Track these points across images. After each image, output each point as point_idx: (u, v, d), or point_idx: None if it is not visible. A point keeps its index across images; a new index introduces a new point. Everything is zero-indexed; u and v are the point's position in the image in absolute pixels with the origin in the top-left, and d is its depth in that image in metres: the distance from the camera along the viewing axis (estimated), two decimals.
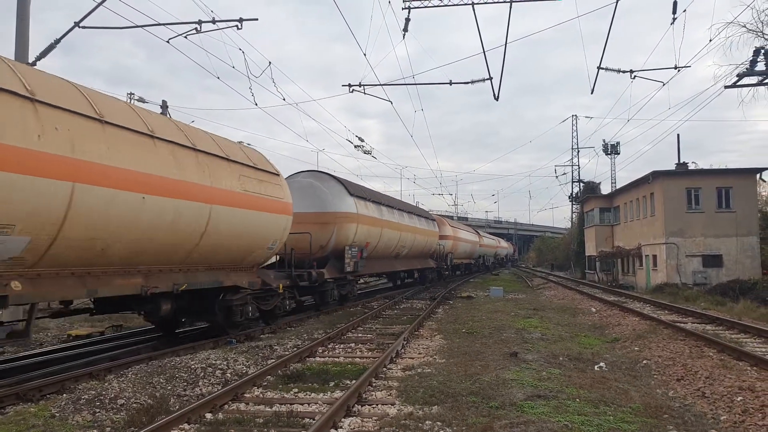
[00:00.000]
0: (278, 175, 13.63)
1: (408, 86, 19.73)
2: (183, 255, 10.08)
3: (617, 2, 13.95)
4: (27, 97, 6.92)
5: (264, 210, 12.25)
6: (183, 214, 9.53)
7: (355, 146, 25.25)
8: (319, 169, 19.78)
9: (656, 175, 29.86)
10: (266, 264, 14.32)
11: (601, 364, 9.52)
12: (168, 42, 14.72)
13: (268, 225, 12.45)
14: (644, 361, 9.94)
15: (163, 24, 14.50)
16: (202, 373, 8.53)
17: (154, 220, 8.89)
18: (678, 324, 14.04)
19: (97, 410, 6.66)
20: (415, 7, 14.98)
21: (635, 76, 17.41)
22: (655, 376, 8.89)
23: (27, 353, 10.93)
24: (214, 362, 9.10)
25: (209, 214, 10.22)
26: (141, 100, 26.90)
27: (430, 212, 37.03)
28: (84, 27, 14.08)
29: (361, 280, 26.21)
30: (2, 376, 8.74)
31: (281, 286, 13.87)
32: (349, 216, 17.73)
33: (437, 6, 15.02)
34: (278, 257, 16.08)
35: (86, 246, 7.86)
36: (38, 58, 13.84)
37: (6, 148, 6.49)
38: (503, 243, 74.94)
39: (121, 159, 8.22)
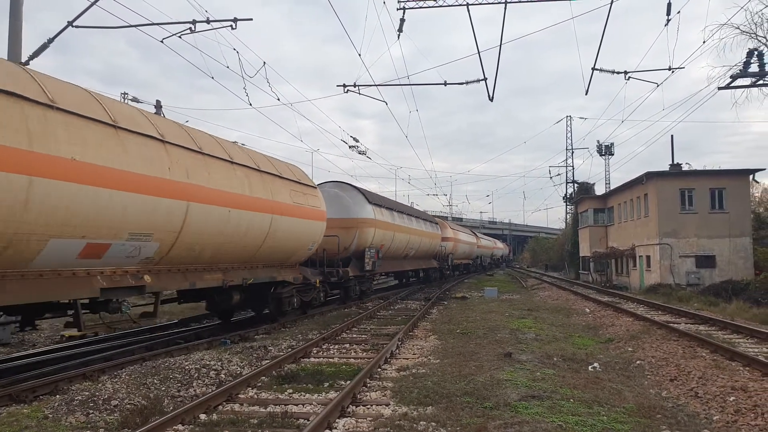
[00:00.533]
0: (315, 187, 16.42)
1: (403, 87, 19.83)
2: (250, 255, 12.55)
3: (612, 3, 14.02)
4: (162, 140, 9.39)
5: (307, 218, 14.88)
6: (253, 222, 12.02)
7: (350, 146, 25.27)
8: (342, 180, 22.69)
9: (650, 176, 29.99)
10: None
11: (595, 364, 9.56)
12: (162, 42, 14.69)
13: (309, 230, 15.08)
14: (638, 362, 9.98)
15: (157, 24, 14.45)
16: (197, 374, 8.51)
17: (234, 228, 11.31)
18: (671, 324, 14.11)
19: (91, 411, 6.63)
20: (410, 8, 14.99)
21: (629, 77, 17.48)
22: (648, 377, 8.93)
23: (20, 354, 10.87)
24: (208, 363, 9.07)
25: (270, 222, 12.76)
26: (135, 99, 26.79)
27: (431, 215, 39.84)
28: (77, 26, 14.02)
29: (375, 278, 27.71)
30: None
31: (318, 281, 16.41)
32: (368, 221, 20.31)
33: (432, 6, 15.05)
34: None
35: (190, 249, 10.22)
36: (31, 58, 13.77)
37: (151, 178, 8.85)
38: (499, 244, 77.44)
39: (215, 182, 10.67)
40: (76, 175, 7.43)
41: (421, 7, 15.26)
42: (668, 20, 15.20)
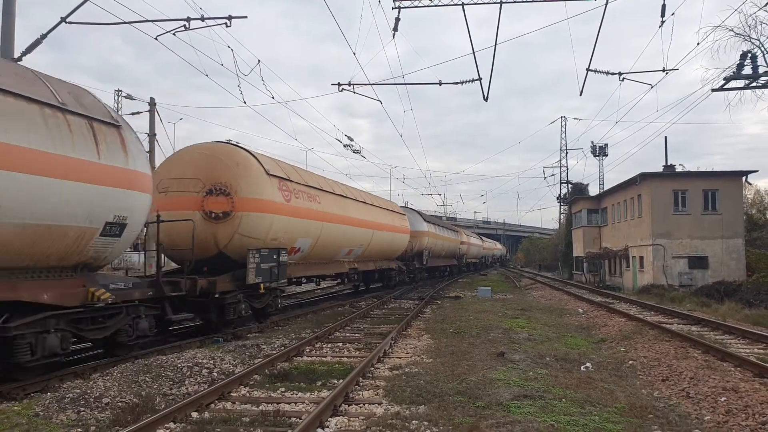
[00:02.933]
0: (404, 214, 27.09)
1: (398, 86, 19.75)
2: (361, 252, 20.59)
3: (606, 4, 14.07)
4: (318, 188, 16.06)
5: (397, 232, 24.55)
6: (361, 233, 19.56)
7: (345, 145, 25.27)
8: (409, 207, 32.73)
9: (644, 177, 30.12)
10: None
11: (588, 364, 9.59)
12: (156, 39, 14.61)
13: (400, 239, 25.10)
14: (630, 362, 10.02)
15: (152, 21, 14.39)
16: (189, 372, 8.47)
17: (353, 237, 18.90)
18: (664, 325, 14.18)
19: (82, 409, 6.59)
20: (405, 7, 14.99)
21: (624, 79, 17.54)
22: (640, 377, 8.97)
23: None
24: (200, 361, 9.04)
25: (372, 235, 20.82)
26: (129, 97, 26.69)
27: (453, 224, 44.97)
28: (71, 23, 13.93)
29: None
30: None
31: (405, 269, 27.17)
32: (424, 233, 30.92)
33: (427, 6, 15.04)
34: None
35: (324, 250, 16.54)
36: (24, 54, 13.66)
37: (317, 212, 15.51)
38: (498, 245, 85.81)
39: (335, 209, 17.14)
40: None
41: (416, 6, 15.25)
42: (662, 22, 15.27)
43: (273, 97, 19.18)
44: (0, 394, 7.15)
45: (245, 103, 19.33)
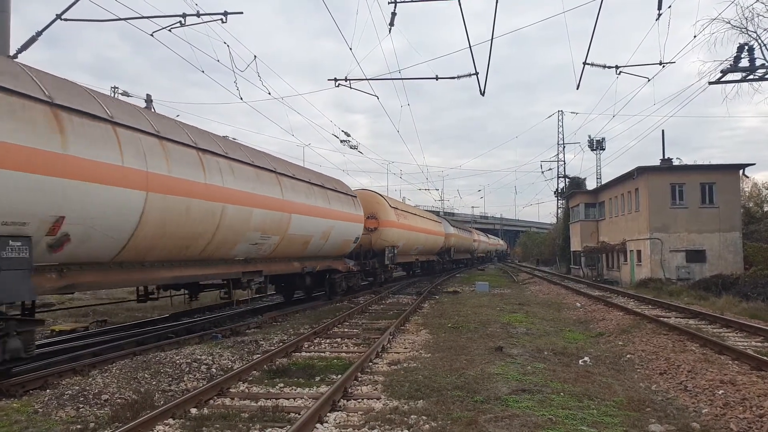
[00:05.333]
0: (440, 222, 33.41)
1: (394, 81, 19.68)
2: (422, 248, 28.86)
3: None
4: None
5: (438, 235, 31.97)
6: (426, 238, 28.12)
7: (342, 141, 25.22)
8: (438, 213, 39.01)
9: (641, 171, 30.15)
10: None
11: (586, 358, 9.62)
12: (152, 35, 14.56)
13: (434, 240, 32.07)
14: (628, 356, 10.06)
15: (147, 17, 14.31)
16: (187, 369, 8.48)
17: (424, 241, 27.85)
18: (661, 319, 14.22)
19: (81, 405, 6.59)
20: (402, 1, 14.93)
21: (621, 72, 17.52)
22: (638, 370, 9.00)
23: None
24: (199, 357, 9.05)
25: (425, 238, 29.09)
26: (125, 94, 26.54)
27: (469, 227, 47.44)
28: (66, 19, 13.86)
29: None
30: None
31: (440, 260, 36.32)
32: (449, 234, 37.98)
33: (423, 0, 14.99)
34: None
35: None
36: (19, 51, 13.61)
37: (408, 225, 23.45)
38: (500, 241, 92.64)
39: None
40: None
41: (412, 1, 15.20)
42: (659, 15, 15.21)
43: (269, 93, 19.13)
44: None
45: (242, 99, 19.42)
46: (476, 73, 14.59)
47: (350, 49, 16.45)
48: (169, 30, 14.28)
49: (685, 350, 10.11)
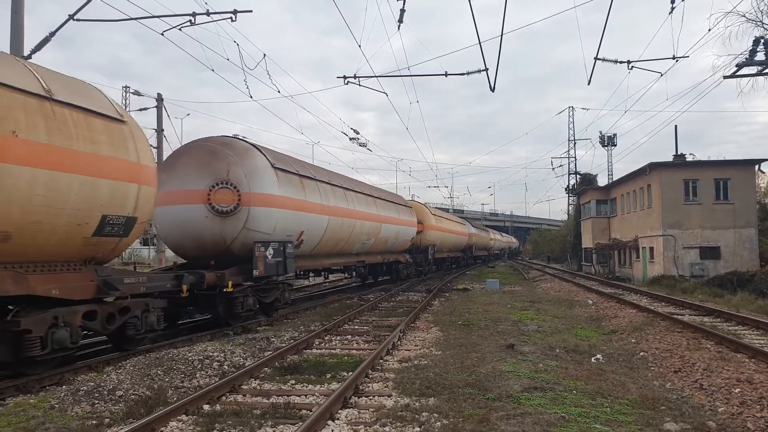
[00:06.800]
0: (464, 223, 37.64)
1: (403, 78, 19.71)
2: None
3: None
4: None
5: (462, 235, 38.41)
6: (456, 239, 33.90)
7: (351, 139, 25.21)
8: (464, 216, 44.33)
9: (653, 167, 29.85)
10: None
11: (598, 356, 9.55)
12: (162, 34, 14.63)
13: (459, 240, 37.86)
14: (641, 353, 9.97)
15: (158, 16, 14.38)
16: (200, 365, 8.53)
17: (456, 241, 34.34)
18: (675, 316, 14.09)
19: (96, 401, 6.66)
20: None
21: (632, 67, 17.31)
22: (652, 368, 8.92)
23: None
24: (211, 354, 9.09)
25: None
26: (137, 93, 26.75)
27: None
28: (78, 20, 13.97)
29: None
30: (2, 368, 8.74)
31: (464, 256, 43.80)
32: (471, 234, 44.16)
33: None
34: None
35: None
36: (33, 52, 13.73)
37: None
38: (513, 239, 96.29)
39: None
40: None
41: None
42: (672, 8, 15.04)
43: (279, 91, 19.21)
44: (16, 387, 7.25)
45: (251, 97, 19.55)
46: (486, 69, 14.51)
47: (359, 46, 16.44)
48: (180, 29, 14.34)
49: (699, 348, 10.00)
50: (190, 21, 14.17)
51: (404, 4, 12.83)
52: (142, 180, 9.04)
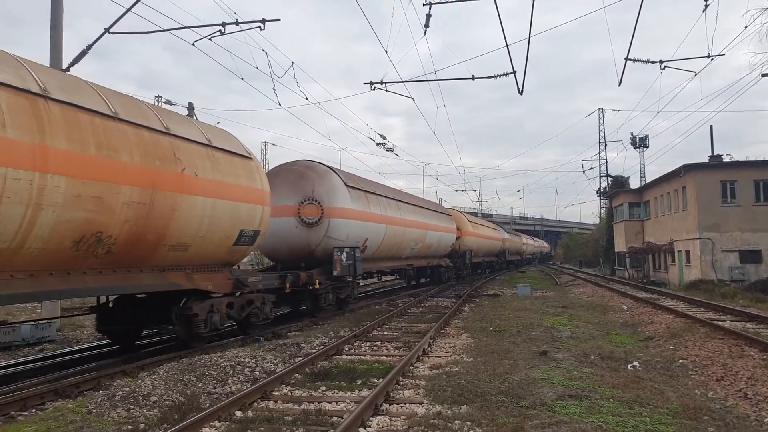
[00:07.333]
0: (497, 229, 40.51)
1: (430, 82, 19.68)
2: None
3: None
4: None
5: (495, 240, 41.69)
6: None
7: (377, 144, 25.31)
8: (498, 224, 46.14)
9: (688, 168, 29.05)
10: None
11: (635, 363, 9.28)
12: (193, 44, 14.91)
13: (493, 244, 41.75)
14: (680, 361, 9.66)
15: (188, 27, 14.69)
16: (231, 371, 8.60)
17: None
18: (715, 322, 13.62)
19: (132, 407, 6.76)
20: (436, 2, 14.84)
21: (665, 67, 16.94)
22: (692, 376, 8.62)
23: (65, 350, 11.21)
24: (242, 360, 9.16)
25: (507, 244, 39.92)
26: (168, 102, 27.37)
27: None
28: (114, 33, 14.36)
29: None
30: (42, 373, 9.00)
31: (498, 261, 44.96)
32: (505, 239, 44.23)
33: (458, 0, 14.85)
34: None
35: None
36: (71, 64, 14.17)
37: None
38: (545, 243, 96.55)
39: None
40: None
41: (447, 2, 15.08)
42: (706, 5, 14.64)
43: (307, 98, 19.33)
44: (55, 392, 7.43)
45: (280, 105, 19.74)
46: (513, 72, 14.37)
47: (386, 52, 16.47)
48: (210, 39, 14.61)
49: (743, 355, 9.63)
50: (220, 31, 14.42)
51: (430, 8, 12.82)
52: (264, 202, 11.67)
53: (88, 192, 7.31)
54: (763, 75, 18.34)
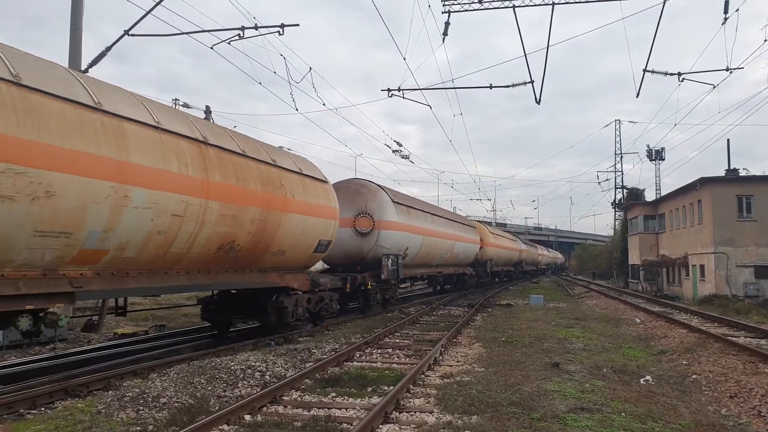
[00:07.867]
0: (515, 240, 44.30)
1: (447, 90, 19.65)
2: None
3: (664, 3, 13.52)
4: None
5: (514, 250, 45.05)
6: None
7: (393, 151, 25.34)
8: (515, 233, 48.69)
9: (704, 182, 28.71)
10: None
11: (647, 377, 9.16)
12: (212, 48, 15.06)
13: (510, 253, 43.55)
14: (693, 376, 9.52)
15: (208, 30, 14.83)
16: (242, 375, 8.62)
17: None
18: (729, 337, 13.40)
19: (141, 408, 6.79)
20: (455, 11, 14.88)
21: (683, 79, 16.82)
22: (705, 392, 8.49)
23: (75, 350, 11.31)
24: (253, 364, 9.18)
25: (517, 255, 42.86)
26: (186, 105, 27.64)
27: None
28: (133, 35, 14.54)
29: None
30: (53, 372, 9.08)
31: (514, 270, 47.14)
32: (521, 250, 47.42)
33: (477, 9, 14.89)
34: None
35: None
36: (90, 66, 14.37)
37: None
38: (559, 255, 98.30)
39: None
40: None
41: (466, 10, 15.12)
42: (726, 18, 14.54)
43: (324, 104, 19.39)
44: (65, 391, 7.50)
45: (297, 110, 19.81)
46: (531, 82, 14.35)
47: (404, 59, 16.53)
48: (229, 43, 14.74)
49: (757, 372, 9.46)
50: (238, 35, 14.54)
51: (449, 17, 12.85)
52: (335, 217, 14.10)
53: (229, 212, 9.69)
54: None
